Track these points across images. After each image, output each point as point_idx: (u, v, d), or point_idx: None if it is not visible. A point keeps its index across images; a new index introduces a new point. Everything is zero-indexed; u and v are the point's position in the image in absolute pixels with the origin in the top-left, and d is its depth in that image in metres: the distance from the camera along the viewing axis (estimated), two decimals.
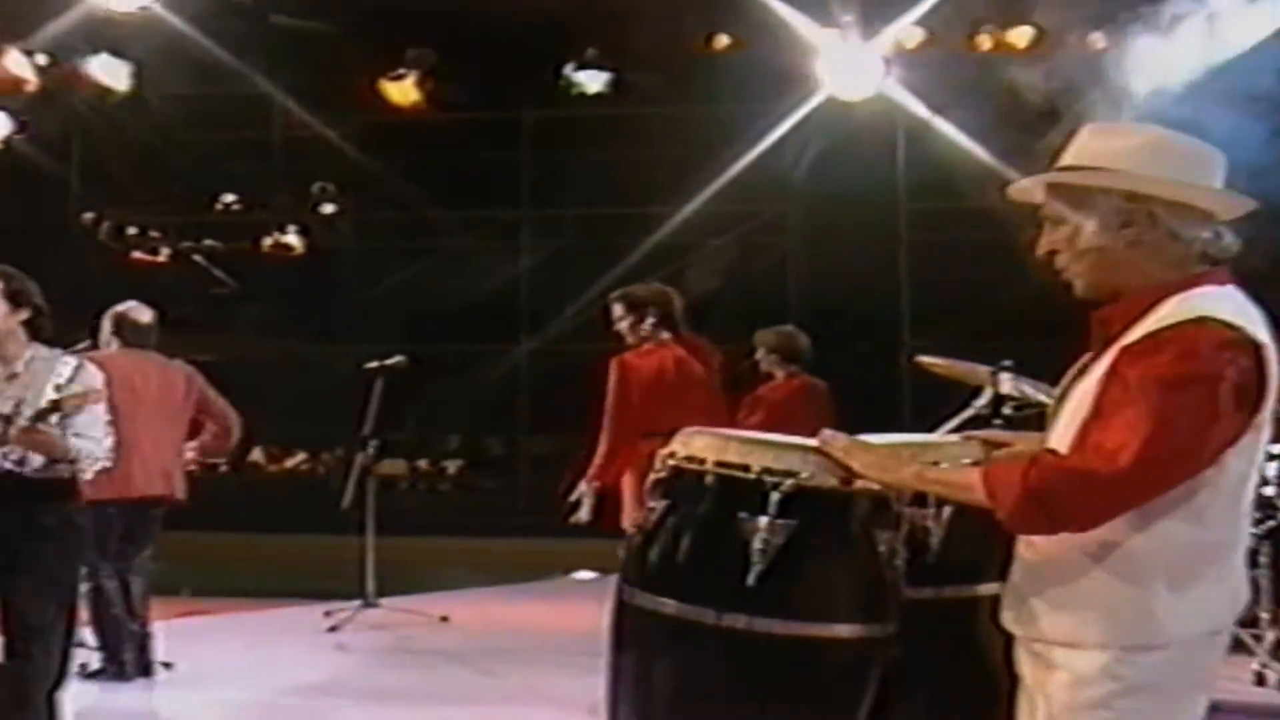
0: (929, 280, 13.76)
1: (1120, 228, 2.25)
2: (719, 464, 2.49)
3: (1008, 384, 4.23)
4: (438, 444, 17.22)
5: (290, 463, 17.54)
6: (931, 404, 13.82)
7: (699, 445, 2.55)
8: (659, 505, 2.55)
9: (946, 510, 2.56)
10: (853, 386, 14.01)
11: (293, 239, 16.33)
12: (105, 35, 12.76)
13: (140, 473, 6.15)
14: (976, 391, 4.73)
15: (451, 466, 17.33)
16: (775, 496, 2.40)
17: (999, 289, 13.24)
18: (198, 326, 16.34)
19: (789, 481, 2.41)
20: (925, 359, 4.45)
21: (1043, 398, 4.01)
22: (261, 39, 12.99)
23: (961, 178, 12.34)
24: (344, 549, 10.51)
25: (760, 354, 7.48)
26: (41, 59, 12.87)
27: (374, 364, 5.64)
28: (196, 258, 16.59)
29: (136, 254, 16.33)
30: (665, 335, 6.03)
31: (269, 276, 16.06)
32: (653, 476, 2.59)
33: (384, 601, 8.45)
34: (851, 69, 11.39)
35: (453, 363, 14.87)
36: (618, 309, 6.06)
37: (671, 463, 2.56)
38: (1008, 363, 4.33)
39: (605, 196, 14.43)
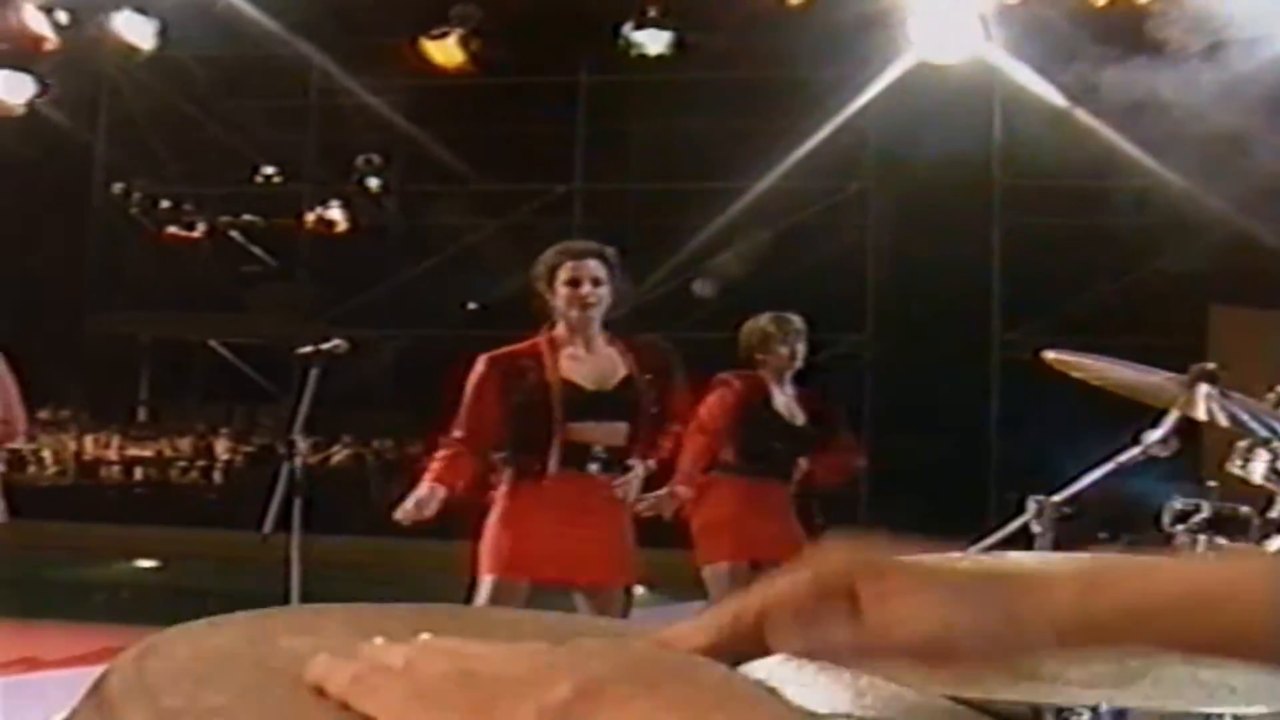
0: (1025, 267, 12.54)
1: None
2: None
3: (1203, 404, 2.25)
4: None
5: (334, 457, 16.58)
6: (1026, 410, 12.45)
7: None
8: None
9: None
10: (934, 387, 13.07)
11: (336, 214, 15.45)
12: None
13: None
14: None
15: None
16: None
17: (1102, 278, 12.14)
18: (232, 307, 15.50)
19: None
20: (1056, 355, 2.57)
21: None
22: None
23: (1065, 154, 11.27)
24: (381, 551, 9.46)
25: (795, 345, 4.98)
26: (62, 16, 12.10)
27: (308, 349, 4.32)
28: (234, 234, 15.73)
29: (171, 229, 15.51)
30: None
31: (308, 254, 15.14)
32: None
33: None
34: (944, 28, 10.58)
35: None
36: (603, 271, 4.01)
37: None
38: (1210, 365, 2.32)
39: (667, 170, 13.30)
